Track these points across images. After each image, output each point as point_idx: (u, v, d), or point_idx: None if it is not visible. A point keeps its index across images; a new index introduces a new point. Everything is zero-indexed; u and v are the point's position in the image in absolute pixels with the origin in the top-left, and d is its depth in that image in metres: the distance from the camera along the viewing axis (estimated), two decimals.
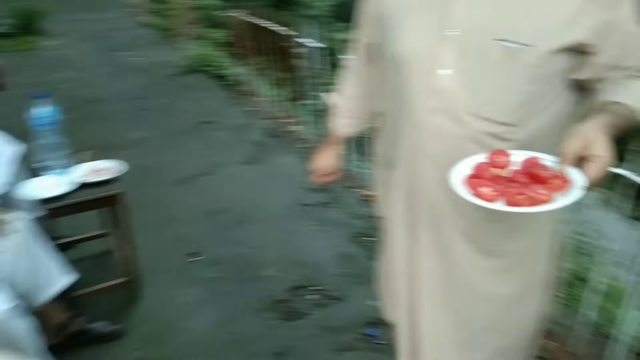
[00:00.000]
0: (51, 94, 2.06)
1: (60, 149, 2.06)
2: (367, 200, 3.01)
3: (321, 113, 3.56)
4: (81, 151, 2.22)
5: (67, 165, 2.08)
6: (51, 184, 1.98)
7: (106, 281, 2.23)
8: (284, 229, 2.76)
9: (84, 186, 2.01)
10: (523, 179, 0.96)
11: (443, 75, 1.07)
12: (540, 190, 0.92)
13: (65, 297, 1.93)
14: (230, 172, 3.35)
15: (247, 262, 2.49)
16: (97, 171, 2.08)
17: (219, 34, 6.16)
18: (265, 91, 4.42)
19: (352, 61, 1.41)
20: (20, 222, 1.72)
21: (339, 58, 3.84)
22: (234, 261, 2.50)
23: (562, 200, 0.90)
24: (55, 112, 2.04)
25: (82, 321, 1.96)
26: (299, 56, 3.70)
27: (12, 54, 5.97)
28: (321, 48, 3.43)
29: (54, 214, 1.94)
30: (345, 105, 1.43)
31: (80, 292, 2.05)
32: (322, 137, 1.56)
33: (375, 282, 1.60)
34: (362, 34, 1.33)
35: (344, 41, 3.05)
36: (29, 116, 2.00)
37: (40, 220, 1.94)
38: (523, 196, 0.92)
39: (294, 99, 4.12)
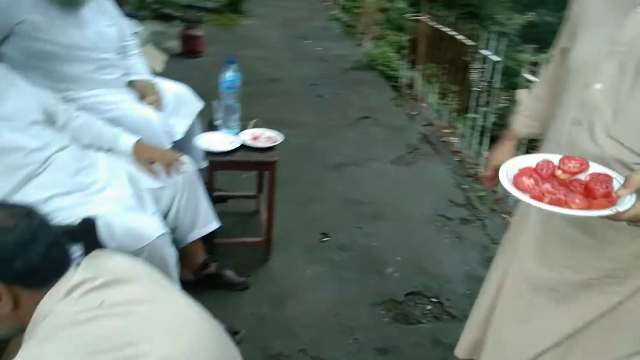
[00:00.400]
0: (237, 64, 2.30)
1: (235, 112, 2.28)
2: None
3: (482, 130, 3.43)
4: (249, 120, 2.43)
5: (237, 128, 2.30)
6: (220, 141, 2.21)
7: (244, 237, 2.44)
8: (417, 234, 2.73)
9: (246, 149, 2.20)
10: (578, 188, 0.95)
11: (596, 89, 1.04)
12: (577, 200, 0.90)
13: (208, 241, 2.15)
14: (379, 169, 3.40)
15: (373, 256, 2.52)
16: (259, 137, 2.26)
17: (399, 37, 6.23)
18: (431, 98, 4.39)
19: (549, 64, 1.39)
20: (187, 166, 1.96)
21: (516, 78, 3.66)
22: (361, 251, 2.54)
23: (572, 210, 0.88)
24: (237, 78, 2.27)
25: (217, 266, 2.16)
26: (475, 70, 3.60)
27: (214, 28, 6.71)
28: (502, 66, 3.29)
29: (216, 167, 2.17)
30: (529, 104, 1.43)
31: (221, 240, 2.27)
32: (478, 153, 1.56)
33: None
34: (561, 38, 1.30)
35: (526, 62, 2.92)
36: (218, 79, 2.25)
37: (203, 170, 2.19)
38: (549, 194, 0.92)
39: (458, 111, 4.03)
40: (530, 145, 2.65)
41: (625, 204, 0.88)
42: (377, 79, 5.23)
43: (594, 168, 0.99)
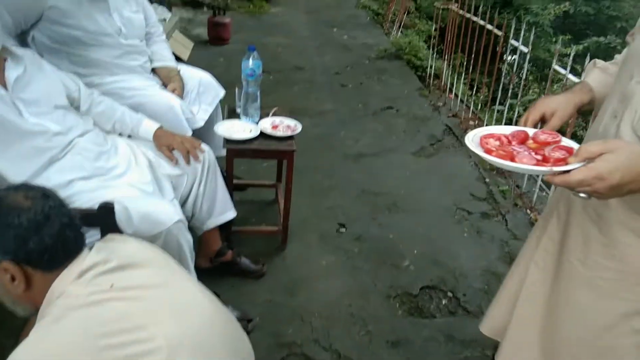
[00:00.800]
0: (260, 51, 2.29)
1: (255, 100, 2.29)
2: (534, 224, 2.79)
3: (509, 122, 3.37)
4: (270, 107, 2.43)
5: (257, 115, 2.30)
6: (239, 128, 2.22)
7: (261, 226, 2.46)
8: (435, 227, 2.71)
9: (265, 137, 2.21)
10: (538, 155, 0.98)
11: (636, 81, 0.99)
12: (525, 159, 0.95)
13: (225, 229, 2.18)
14: (399, 160, 3.37)
15: (389, 247, 2.51)
16: (278, 126, 2.27)
17: (427, 26, 6.14)
18: (458, 89, 4.32)
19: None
20: (206, 154, 1.98)
21: (548, 70, 3.56)
22: (377, 243, 2.54)
23: (509, 162, 0.94)
24: (258, 66, 2.27)
25: (232, 254, 2.18)
26: (505, 61, 3.52)
27: (241, 15, 6.73)
28: (530, 57, 3.21)
29: (234, 154, 2.19)
30: (608, 64, 1.26)
31: (238, 228, 2.29)
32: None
33: None
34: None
35: (557, 54, 2.84)
36: (241, 66, 2.26)
37: (222, 158, 2.21)
38: (501, 149, 0.99)
39: (485, 103, 3.96)
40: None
41: (571, 167, 0.89)
42: (403, 68, 5.17)
43: (565, 142, 1.01)
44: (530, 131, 1.07)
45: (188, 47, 5.05)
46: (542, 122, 1.17)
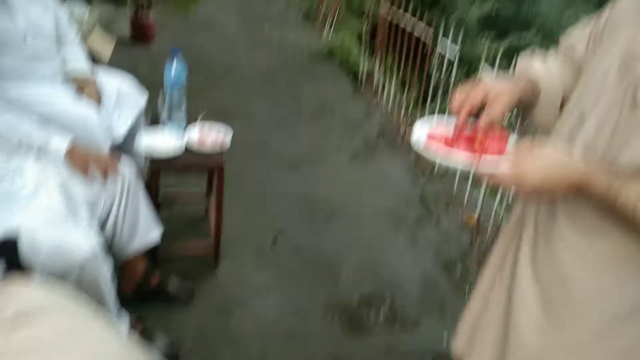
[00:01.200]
0: (187, 50, 2.13)
1: (180, 106, 2.14)
2: (468, 227, 2.83)
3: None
4: (199, 111, 2.28)
5: (183, 122, 2.15)
6: (164, 141, 2.07)
7: (191, 243, 2.31)
8: (372, 235, 2.67)
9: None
10: (478, 146, 1.00)
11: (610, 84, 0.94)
12: (458, 150, 0.97)
13: (151, 250, 2.02)
14: (334, 165, 3.31)
15: (326, 259, 2.45)
16: (206, 135, 2.13)
17: (359, 25, 6.14)
18: (390, 90, 4.32)
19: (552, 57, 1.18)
20: (126, 170, 1.82)
21: (475, 69, 3.62)
22: (313, 255, 2.46)
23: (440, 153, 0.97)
24: (183, 71, 2.12)
25: (160, 276, 2.03)
26: (434, 60, 3.55)
27: (168, 11, 6.42)
28: (460, 56, 3.24)
29: (159, 169, 2.03)
30: (545, 67, 1.13)
31: (165, 247, 2.14)
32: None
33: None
34: (575, 39, 1.13)
35: (485, 53, 2.88)
36: (163, 69, 2.10)
37: (144, 173, 2.05)
38: (440, 142, 1.01)
39: (418, 104, 3.98)
40: None
41: (489, 162, 0.93)
42: (335, 69, 5.13)
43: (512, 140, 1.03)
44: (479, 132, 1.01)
45: (110, 46, 4.75)
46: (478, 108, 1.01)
